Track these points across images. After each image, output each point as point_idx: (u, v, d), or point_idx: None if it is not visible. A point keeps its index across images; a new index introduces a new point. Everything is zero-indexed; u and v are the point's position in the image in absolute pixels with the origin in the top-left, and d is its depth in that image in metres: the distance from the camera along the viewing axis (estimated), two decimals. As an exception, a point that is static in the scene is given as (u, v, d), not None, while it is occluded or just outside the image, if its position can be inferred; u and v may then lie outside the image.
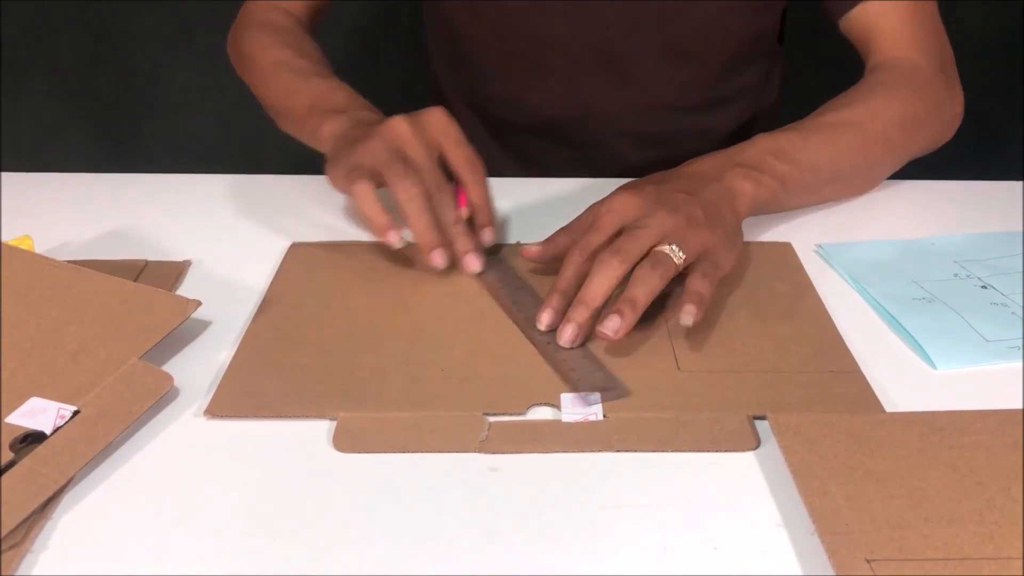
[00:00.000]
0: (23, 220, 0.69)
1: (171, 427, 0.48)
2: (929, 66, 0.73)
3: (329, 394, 0.50)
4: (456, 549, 0.40)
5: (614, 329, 0.51)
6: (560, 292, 0.55)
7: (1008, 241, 0.65)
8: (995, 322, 0.55)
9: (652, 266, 0.53)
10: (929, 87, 0.72)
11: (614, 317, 0.51)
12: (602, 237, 0.56)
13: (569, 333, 0.53)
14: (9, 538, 0.40)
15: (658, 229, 0.54)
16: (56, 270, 0.56)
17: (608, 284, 0.53)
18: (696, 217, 0.56)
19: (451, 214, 0.60)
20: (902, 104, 0.70)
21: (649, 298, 0.53)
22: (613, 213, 0.56)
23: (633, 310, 0.52)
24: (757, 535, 0.41)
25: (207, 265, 0.64)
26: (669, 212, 0.55)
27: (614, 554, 0.40)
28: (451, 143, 0.63)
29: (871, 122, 0.68)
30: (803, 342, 0.54)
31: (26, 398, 0.48)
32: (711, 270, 0.55)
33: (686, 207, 0.56)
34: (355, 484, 0.44)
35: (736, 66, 0.84)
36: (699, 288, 0.53)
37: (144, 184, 0.76)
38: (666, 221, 0.55)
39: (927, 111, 0.72)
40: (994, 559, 0.38)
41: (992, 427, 0.46)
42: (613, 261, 0.53)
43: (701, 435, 0.47)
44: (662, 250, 0.54)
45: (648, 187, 0.58)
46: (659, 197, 0.57)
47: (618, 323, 0.51)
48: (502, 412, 0.48)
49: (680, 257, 0.54)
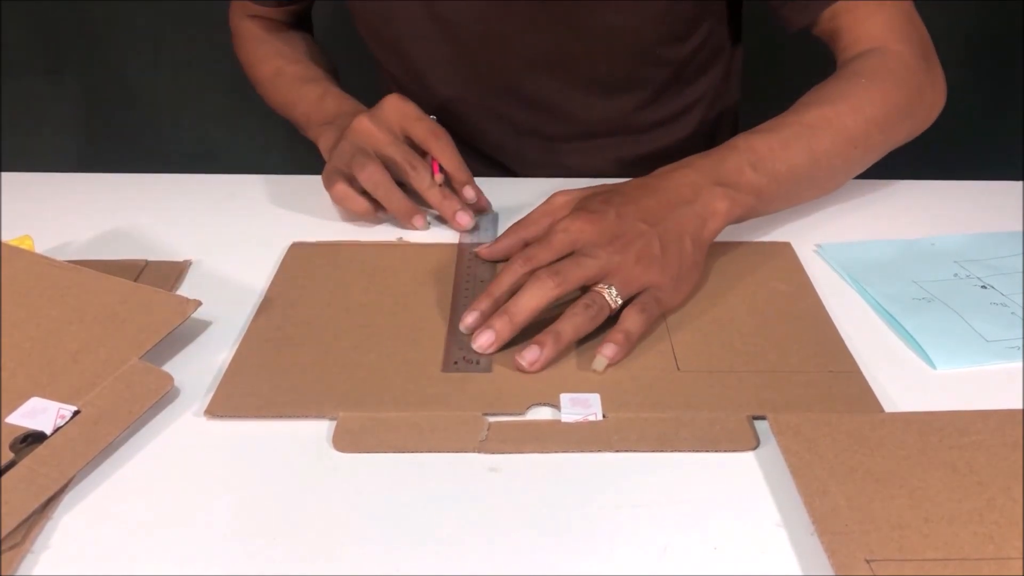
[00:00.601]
0: (23, 220, 0.69)
1: (171, 427, 0.48)
2: (910, 54, 0.71)
3: (329, 394, 0.50)
4: (456, 549, 0.40)
5: (531, 360, 0.51)
6: (491, 297, 0.54)
7: (1008, 241, 0.65)
8: (995, 322, 0.55)
9: (585, 306, 0.52)
10: (911, 77, 0.70)
11: (534, 348, 0.51)
12: (550, 255, 0.55)
13: (484, 340, 0.52)
14: (9, 538, 0.40)
15: (605, 263, 0.54)
16: (56, 270, 0.56)
17: (538, 303, 0.52)
18: (648, 253, 0.55)
19: (426, 179, 0.66)
20: (884, 98, 0.68)
21: (575, 337, 0.52)
22: (567, 234, 0.55)
23: (556, 344, 0.51)
24: (757, 535, 0.41)
25: (207, 265, 0.64)
26: (621, 247, 0.54)
27: (614, 554, 0.40)
28: (410, 121, 0.68)
29: (853, 122, 0.66)
30: (803, 342, 0.54)
31: (26, 398, 0.48)
32: (651, 305, 0.54)
33: (641, 241, 0.55)
34: (355, 484, 0.44)
35: (679, 83, 0.84)
36: (629, 326, 0.52)
37: (144, 184, 0.76)
38: (614, 257, 0.54)
39: (909, 103, 0.70)
40: (994, 559, 0.38)
41: (992, 427, 0.46)
42: (550, 282, 0.52)
43: (701, 435, 0.47)
44: (600, 292, 0.53)
45: (611, 212, 0.56)
46: (618, 227, 0.55)
47: (537, 355, 0.51)
48: (502, 412, 0.48)
49: (617, 302, 0.53)
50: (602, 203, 0.57)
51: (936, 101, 0.73)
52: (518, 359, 0.51)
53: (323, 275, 0.62)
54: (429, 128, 0.68)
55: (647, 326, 0.54)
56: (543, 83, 0.80)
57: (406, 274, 0.62)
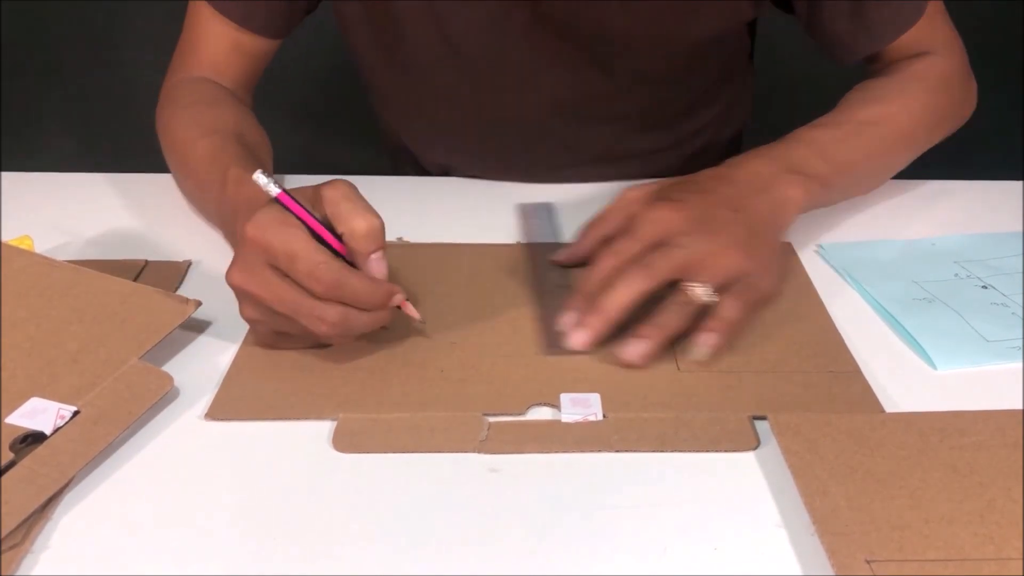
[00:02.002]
0: (23, 220, 0.69)
1: (171, 427, 0.48)
2: (956, 63, 0.73)
3: (329, 395, 0.50)
4: (456, 549, 0.40)
5: (641, 354, 0.51)
6: (585, 295, 0.53)
7: (1009, 241, 0.65)
8: (995, 322, 0.55)
9: (679, 303, 0.52)
10: (955, 84, 0.72)
11: (640, 342, 0.51)
12: (639, 246, 0.53)
13: (581, 338, 0.52)
14: (9, 538, 0.40)
15: (694, 252, 0.52)
16: (56, 270, 0.56)
17: (629, 297, 0.51)
18: (736, 239, 0.54)
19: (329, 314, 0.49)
20: (932, 101, 0.70)
21: (676, 332, 0.52)
22: (654, 224, 0.54)
23: (660, 335, 0.51)
24: (757, 535, 0.41)
25: (207, 265, 0.63)
26: (709, 234, 0.53)
27: (614, 554, 0.40)
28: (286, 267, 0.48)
29: (904, 121, 0.67)
30: (803, 342, 0.54)
31: (26, 398, 0.48)
32: (748, 293, 0.54)
33: (727, 228, 0.54)
34: (355, 484, 0.44)
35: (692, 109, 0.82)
36: (728, 314, 0.52)
37: (144, 184, 0.76)
38: (703, 244, 0.53)
39: (951, 108, 0.72)
40: (994, 559, 0.38)
41: (992, 427, 0.46)
42: (641, 274, 0.52)
43: (701, 435, 0.47)
44: (693, 290, 0.52)
45: (693, 200, 0.55)
46: (703, 214, 0.54)
47: (644, 348, 0.51)
48: (502, 412, 0.48)
49: (712, 297, 0.52)
50: (683, 191, 0.57)
51: (969, 110, 0.75)
52: (623, 354, 0.51)
53: (323, 275, 0.61)
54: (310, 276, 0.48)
55: (745, 313, 0.53)
56: (557, 120, 0.78)
57: (406, 274, 0.62)
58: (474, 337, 0.55)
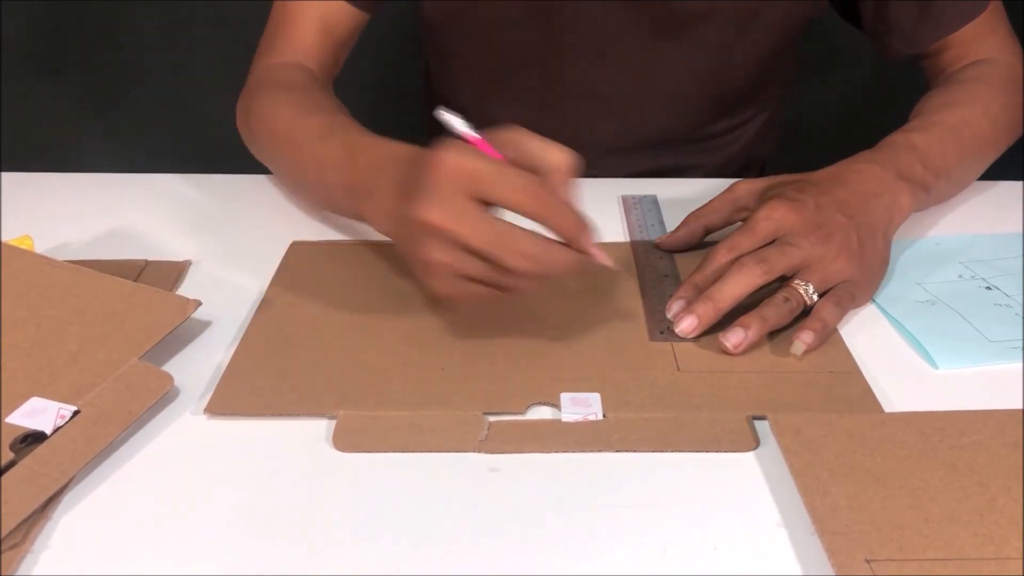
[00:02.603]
0: (23, 220, 0.69)
1: (171, 427, 0.48)
2: (1016, 64, 0.73)
3: (329, 393, 0.50)
4: (456, 549, 0.40)
5: (736, 343, 0.52)
6: (694, 285, 0.55)
7: (1013, 242, 0.65)
8: (998, 322, 0.55)
9: (785, 299, 0.53)
10: (1020, 84, 0.73)
11: (739, 331, 0.52)
12: (754, 242, 0.55)
13: (687, 324, 0.53)
14: (9, 538, 0.40)
15: (808, 253, 0.54)
16: (56, 270, 0.56)
17: (743, 289, 0.53)
18: (848, 247, 0.55)
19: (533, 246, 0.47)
20: (1006, 102, 0.70)
21: (776, 326, 0.53)
22: (770, 221, 0.55)
23: (760, 327, 0.52)
24: (757, 535, 0.41)
25: (207, 265, 0.63)
26: (823, 237, 0.54)
27: (614, 554, 0.40)
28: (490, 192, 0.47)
29: (986, 123, 0.68)
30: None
31: (26, 398, 0.48)
32: (846, 300, 0.54)
33: (841, 234, 0.55)
34: (354, 483, 0.44)
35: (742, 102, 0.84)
36: (826, 316, 0.53)
37: (144, 184, 0.76)
38: (817, 248, 0.54)
39: (1020, 110, 0.72)
40: (994, 559, 0.38)
41: (992, 427, 0.46)
42: (757, 269, 0.53)
43: (701, 435, 0.47)
44: (797, 289, 0.53)
45: (810, 201, 0.56)
46: (819, 217, 0.55)
47: (742, 336, 0.52)
48: (502, 411, 0.48)
49: (813, 298, 0.54)
50: (799, 191, 0.57)
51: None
52: (724, 340, 0.52)
53: (323, 274, 0.62)
54: (520, 193, 0.46)
55: (841, 318, 0.54)
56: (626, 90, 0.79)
57: (408, 273, 0.62)
58: (475, 335, 0.55)
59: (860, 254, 0.55)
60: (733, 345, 0.52)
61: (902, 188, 0.59)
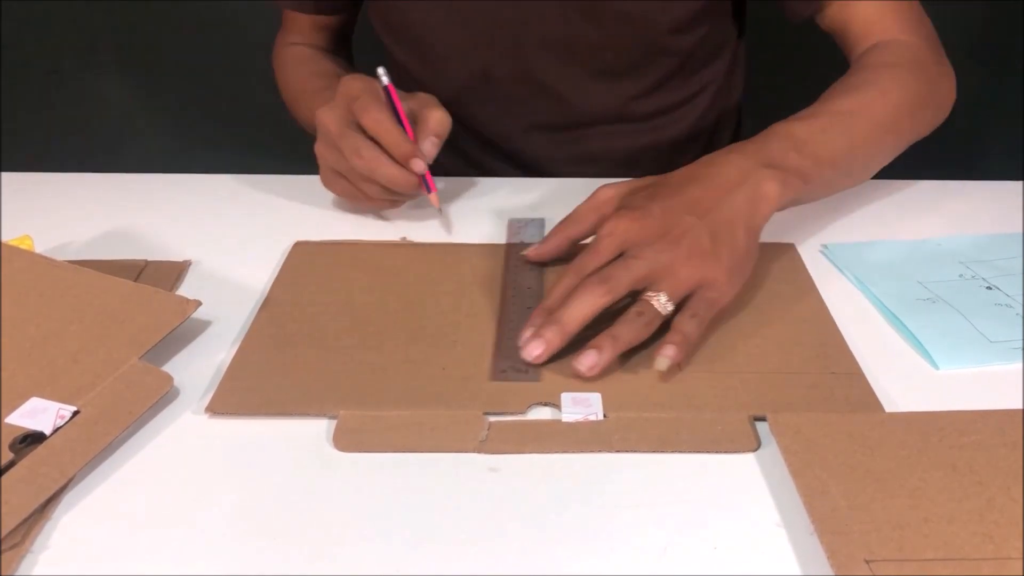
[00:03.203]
0: (23, 220, 0.69)
1: (171, 427, 0.48)
2: (921, 46, 0.72)
3: (329, 392, 0.50)
4: (456, 549, 0.40)
5: (589, 365, 0.50)
6: (546, 311, 0.53)
7: (1013, 242, 0.65)
8: (999, 323, 0.55)
9: (637, 314, 0.51)
10: (927, 67, 0.71)
11: (592, 353, 0.50)
12: (599, 260, 0.54)
13: (534, 349, 0.51)
14: (9, 538, 0.40)
15: (653, 263, 0.52)
16: (56, 270, 0.56)
17: (588, 310, 0.51)
18: (698, 248, 0.53)
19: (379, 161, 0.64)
20: (907, 85, 0.68)
21: (631, 344, 0.51)
22: (613, 237, 0.54)
23: (613, 347, 0.50)
24: (757, 535, 0.41)
25: (207, 265, 0.64)
26: (670, 244, 0.53)
27: (614, 554, 0.40)
28: (357, 110, 0.64)
29: (883, 108, 0.66)
30: (805, 343, 0.54)
31: (26, 398, 0.48)
32: (703, 308, 0.53)
33: (690, 237, 0.53)
34: (354, 483, 0.44)
35: (681, 74, 0.84)
36: (685, 328, 0.51)
37: (144, 184, 0.76)
38: (662, 256, 0.53)
39: (929, 91, 0.71)
40: (994, 559, 0.38)
41: (992, 427, 0.46)
42: (600, 288, 0.51)
43: (701, 436, 0.47)
44: (649, 301, 0.52)
45: (655, 208, 0.55)
46: (665, 223, 0.54)
47: (595, 359, 0.50)
48: (502, 411, 0.48)
49: (667, 308, 0.52)
50: (646, 199, 0.56)
51: (949, 94, 0.73)
52: (576, 364, 0.50)
53: (325, 274, 0.62)
54: (375, 121, 0.64)
55: (702, 327, 0.53)
56: (551, 67, 0.80)
57: (409, 273, 0.62)
58: (476, 336, 0.55)
59: (713, 253, 0.54)
60: (587, 368, 0.50)
61: (767, 176, 0.57)
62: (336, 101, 0.66)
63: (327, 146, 0.66)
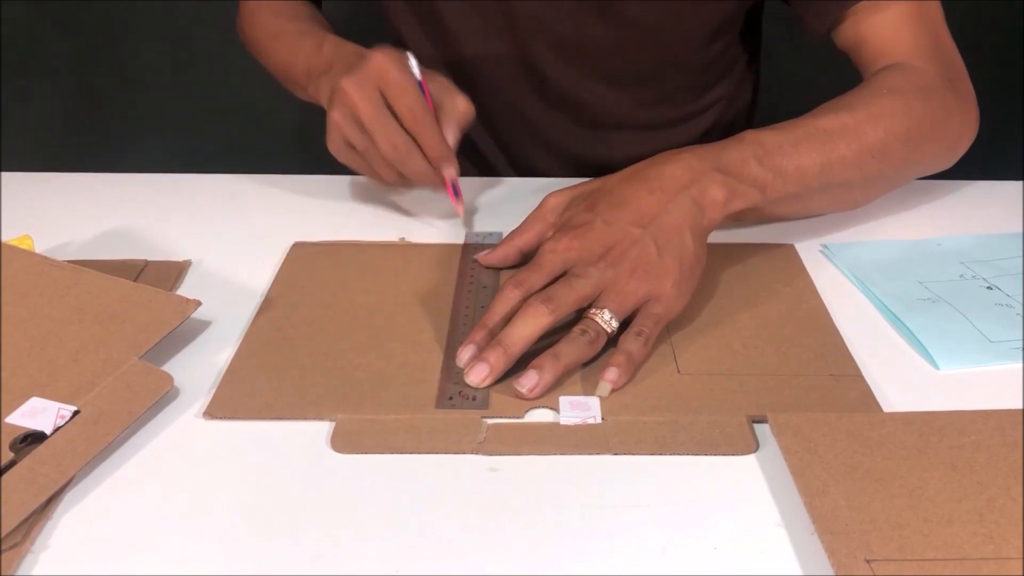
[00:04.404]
0: (23, 220, 0.69)
1: (171, 427, 0.48)
2: (935, 73, 0.67)
3: (328, 395, 0.50)
4: (456, 549, 0.40)
5: (530, 387, 0.49)
6: (486, 328, 0.52)
7: (1014, 242, 0.65)
8: (999, 323, 0.55)
9: (582, 332, 0.51)
10: (936, 95, 0.66)
11: (532, 374, 0.49)
12: (543, 277, 0.53)
13: (478, 374, 0.49)
14: (9, 538, 0.40)
15: (598, 281, 0.52)
16: (56, 270, 0.56)
17: (532, 331, 0.50)
18: (644, 261, 0.53)
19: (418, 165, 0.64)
20: (907, 111, 0.64)
21: (575, 363, 0.50)
22: (556, 254, 0.53)
23: (555, 367, 0.49)
24: (757, 535, 0.41)
25: (207, 265, 0.63)
26: (615, 259, 0.52)
27: (614, 554, 0.40)
28: (392, 95, 0.63)
29: (872, 131, 0.62)
30: (804, 345, 0.54)
31: (26, 398, 0.48)
32: (649, 325, 0.52)
33: (636, 249, 0.53)
34: (353, 485, 0.44)
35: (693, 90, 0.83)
36: (630, 348, 0.50)
37: (144, 184, 0.76)
38: (607, 272, 0.52)
39: (933, 120, 0.66)
40: (994, 559, 0.38)
41: (992, 427, 0.46)
42: (543, 308, 0.50)
43: (700, 439, 0.47)
44: (594, 319, 0.51)
45: (597, 222, 0.54)
46: (608, 237, 0.53)
47: (536, 380, 0.49)
48: (500, 415, 0.48)
49: (612, 325, 0.51)
50: (587, 211, 0.55)
51: (962, 127, 0.69)
52: (516, 386, 0.49)
53: (324, 275, 0.62)
54: (409, 107, 0.62)
55: (647, 347, 0.51)
56: (561, 68, 0.79)
57: (408, 275, 0.62)
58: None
59: (659, 265, 0.53)
60: (528, 390, 0.48)
61: (715, 181, 0.56)
62: (364, 74, 0.62)
63: (347, 120, 0.63)
